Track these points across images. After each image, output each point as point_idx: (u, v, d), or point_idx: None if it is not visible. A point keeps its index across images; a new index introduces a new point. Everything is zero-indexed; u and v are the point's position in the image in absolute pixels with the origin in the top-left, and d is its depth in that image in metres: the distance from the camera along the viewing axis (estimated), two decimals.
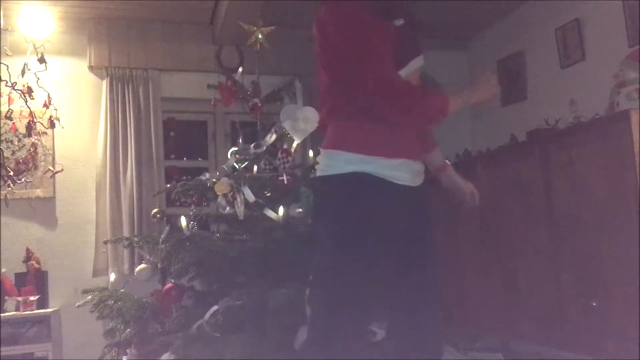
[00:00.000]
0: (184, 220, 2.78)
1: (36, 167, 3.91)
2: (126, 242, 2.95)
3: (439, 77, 2.02)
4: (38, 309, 3.68)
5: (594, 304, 2.91)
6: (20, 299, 3.62)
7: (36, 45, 3.74)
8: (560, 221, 3.16)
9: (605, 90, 3.21)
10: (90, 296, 2.76)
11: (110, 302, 2.69)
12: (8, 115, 3.70)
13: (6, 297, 3.62)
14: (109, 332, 2.82)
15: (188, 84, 4.19)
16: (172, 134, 4.40)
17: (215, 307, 2.42)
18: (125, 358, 2.72)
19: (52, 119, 3.83)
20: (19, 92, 3.70)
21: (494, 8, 4.29)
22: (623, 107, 2.89)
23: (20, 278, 3.74)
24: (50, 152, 3.94)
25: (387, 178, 1.57)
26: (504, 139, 3.93)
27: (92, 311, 2.73)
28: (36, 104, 3.80)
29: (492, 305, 3.69)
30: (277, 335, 2.28)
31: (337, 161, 1.58)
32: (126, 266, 3.83)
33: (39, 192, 3.89)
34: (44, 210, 3.92)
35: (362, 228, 1.54)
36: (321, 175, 1.64)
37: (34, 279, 3.74)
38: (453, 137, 4.13)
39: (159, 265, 2.80)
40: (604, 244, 2.87)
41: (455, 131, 4.30)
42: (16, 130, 3.81)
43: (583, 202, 3.00)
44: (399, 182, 1.59)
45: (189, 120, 4.52)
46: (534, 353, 3.55)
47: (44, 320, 3.73)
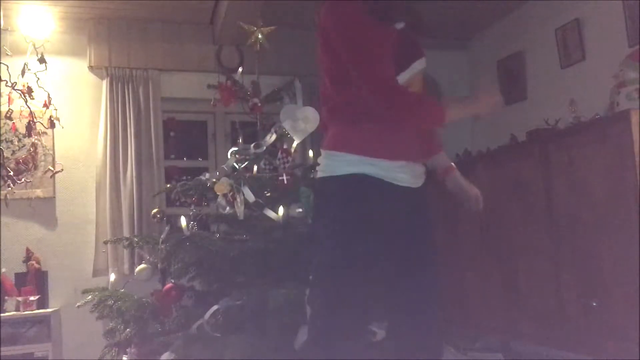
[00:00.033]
0: (184, 220, 2.78)
1: (36, 167, 3.91)
2: (126, 242, 2.95)
3: (439, 77, 2.01)
4: (38, 309, 3.68)
5: (594, 304, 2.91)
6: (20, 299, 3.62)
7: (36, 45, 3.74)
8: (560, 221, 3.16)
9: (605, 90, 3.21)
10: (90, 296, 2.75)
11: (110, 302, 2.68)
12: (8, 115, 3.70)
13: (6, 297, 3.62)
14: (109, 332, 2.82)
15: (188, 84, 4.18)
16: (172, 134, 4.40)
17: (215, 307, 2.42)
18: (125, 358, 2.72)
19: (52, 119, 3.83)
20: (19, 92, 3.70)
21: (494, 8, 4.29)
22: (623, 107, 2.90)
23: (20, 278, 3.74)
24: (50, 152, 3.94)
25: (387, 179, 1.57)
26: (504, 139, 3.93)
27: (92, 311, 2.72)
28: (36, 104, 3.80)
29: (492, 305, 3.69)
30: (277, 335, 2.28)
31: (338, 162, 1.59)
32: (126, 266, 3.83)
33: (39, 192, 3.89)
34: (44, 210, 3.92)
35: (362, 229, 1.54)
36: (322, 176, 1.64)
37: (34, 279, 3.74)
38: (453, 137, 4.13)
39: (159, 265, 2.80)
40: (604, 244, 2.87)
41: (455, 131, 4.29)
42: (16, 130, 3.81)
43: (583, 202, 3.01)
44: (400, 184, 1.59)
45: (189, 120, 4.52)
46: (534, 353, 3.55)
47: (44, 320, 3.73)
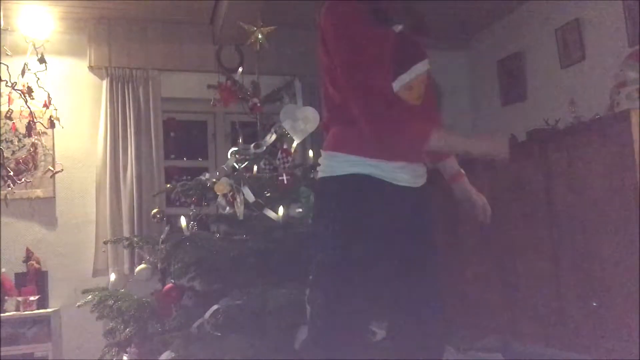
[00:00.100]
0: (184, 220, 2.78)
1: (36, 167, 3.90)
2: (126, 242, 2.95)
3: (439, 78, 2.01)
4: (38, 309, 3.68)
5: (594, 304, 2.91)
6: (20, 299, 3.62)
7: (36, 45, 3.73)
8: (560, 221, 3.16)
9: (605, 90, 3.21)
10: (90, 296, 2.75)
11: (110, 302, 2.68)
12: (8, 115, 3.70)
13: (6, 297, 3.62)
14: (109, 332, 2.82)
15: (188, 84, 4.18)
16: (172, 134, 4.40)
17: (215, 306, 2.42)
18: (125, 357, 2.72)
19: (52, 119, 3.83)
20: (19, 92, 3.70)
21: (494, 8, 4.29)
22: (623, 107, 2.90)
23: (20, 278, 3.74)
24: (50, 152, 3.94)
25: (387, 179, 1.57)
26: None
27: (92, 311, 2.72)
28: (36, 104, 3.80)
29: (492, 305, 3.69)
30: (277, 335, 2.28)
31: (338, 163, 1.59)
32: (126, 266, 3.83)
33: (39, 192, 3.89)
34: (44, 210, 3.92)
35: (362, 229, 1.54)
36: (322, 176, 1.64)
37: (34, 279, 3.74)
38: None
39: (159, 265, 2.80)
40: (604, 244, 2.87)
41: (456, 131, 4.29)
42: (16, 130, 3.81)
43: (583, 202, 3.00)
44: (400, 184, 1.59)
45: (189, 120, 4.52)
46: (534, 353, 3.55)
47: (44, 320, 3.73)
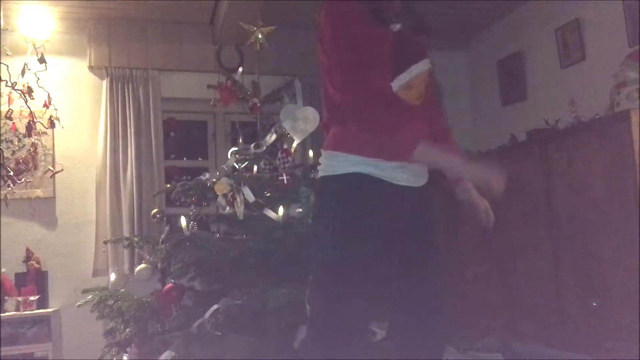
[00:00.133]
0: (184, 220, 2.78)
1: (36, 167, 3.90)
2: (126, 242, 2.95)
3: (439, 78, 2.01)
4: (38, 309, 3.68)
5: (594, 304, 2.91)
6: (20, 299, 3.62)
7: (36, 45, 3.73)
8: (560, 221, 3.16)
9: (605, 90, 3.21)
10: (90, 296, 2.75)
11: (110, 302, 2.68)
12: (8, 115, 3.70)
13: (6, 297, 3.62)
14: (109, 332, 2.83)
15: (188, 84, 4.18)
16: (172, 134, 4.40)
17: (216, 306, 2.42)
18: (125, 357, 2.72)
19: (52, 119, 3.83)
20: (19, 92, 3.69)
21: (494, 8, 4.29)
22: (623, 107, 2.90)
23: (20, 278, 3.74)
24: (50, 152, 3.94)
25: (387, 179, 1.57)
26: (504, 139, 3.93)
27: (92, 311, 2.72)
28: (36, 104, 3.80)
29: (492, 305, 3.69)
30: (277, 335, 2.28)
31: (339, 162, 1.59)
32: (126, 266, 3.83)
33: (39, 192, 3.89)
34: (44, 210, 3.92)
35: (362, 228, 1.54)
36: (322, 175, 1.65)
37: (34, 279, 3.74)
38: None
39: (159, 265, 2.80)
40: (604, 244, 2.87)
41: (455, 131, 4.28)
42: (16, 130, 3.81)
43: (583, 202, 3.01)
44: (400, 183, 1.59)
45: (189, 120, 4.52)
46: (534, 353, 3.54)
47: (44, 320, 3.72)
